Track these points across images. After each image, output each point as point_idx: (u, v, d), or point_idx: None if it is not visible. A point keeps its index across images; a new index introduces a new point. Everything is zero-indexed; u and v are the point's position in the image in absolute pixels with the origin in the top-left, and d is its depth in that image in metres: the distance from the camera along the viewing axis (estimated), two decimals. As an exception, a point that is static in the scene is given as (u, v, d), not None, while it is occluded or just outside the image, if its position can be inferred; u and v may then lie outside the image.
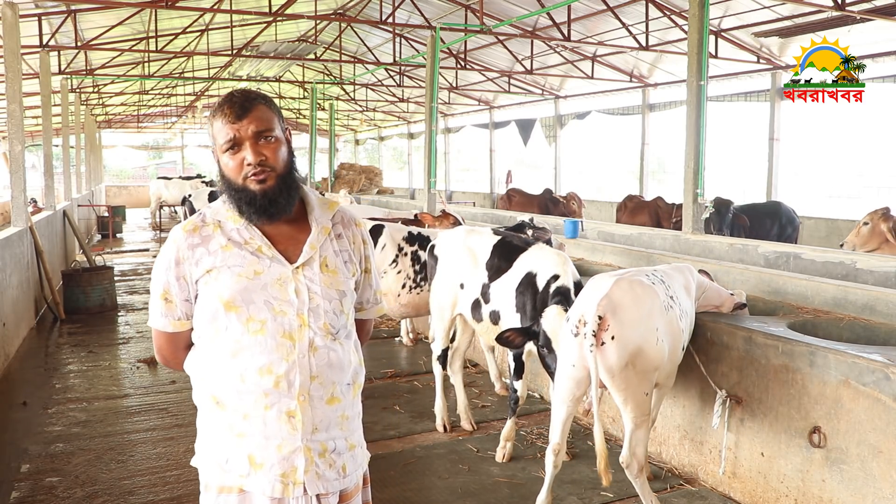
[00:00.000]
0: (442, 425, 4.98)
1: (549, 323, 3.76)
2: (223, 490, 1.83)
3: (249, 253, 1.84)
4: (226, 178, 1.86)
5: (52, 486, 4.11)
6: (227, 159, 1.84)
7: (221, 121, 1.83)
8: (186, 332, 1.92)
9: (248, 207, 1.83)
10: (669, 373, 3.78)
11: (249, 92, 1.89)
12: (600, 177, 28.23)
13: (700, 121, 7.17)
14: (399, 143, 32.11)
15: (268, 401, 1.79)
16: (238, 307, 1.80)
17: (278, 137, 1.86)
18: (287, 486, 1.80)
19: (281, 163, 1.85)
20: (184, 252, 1.85)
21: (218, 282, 1.82)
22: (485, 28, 11.58)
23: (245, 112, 1.81)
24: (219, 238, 1.86)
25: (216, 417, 1.85)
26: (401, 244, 5.63)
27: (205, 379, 1.87)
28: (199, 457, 1.91)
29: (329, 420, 1.86)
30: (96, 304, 8.91)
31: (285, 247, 1.88)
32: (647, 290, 3.51)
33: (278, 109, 1.91)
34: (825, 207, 16.69)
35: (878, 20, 9.81)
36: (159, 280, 1.88)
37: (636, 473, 3.55)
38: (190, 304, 1.88)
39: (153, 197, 20.38)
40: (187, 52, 15.01)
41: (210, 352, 1.86)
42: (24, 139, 8.53)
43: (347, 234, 1.99)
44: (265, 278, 1.82)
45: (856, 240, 7.23)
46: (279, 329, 1.81)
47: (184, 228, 1.88)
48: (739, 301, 4.31)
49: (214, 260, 1.83)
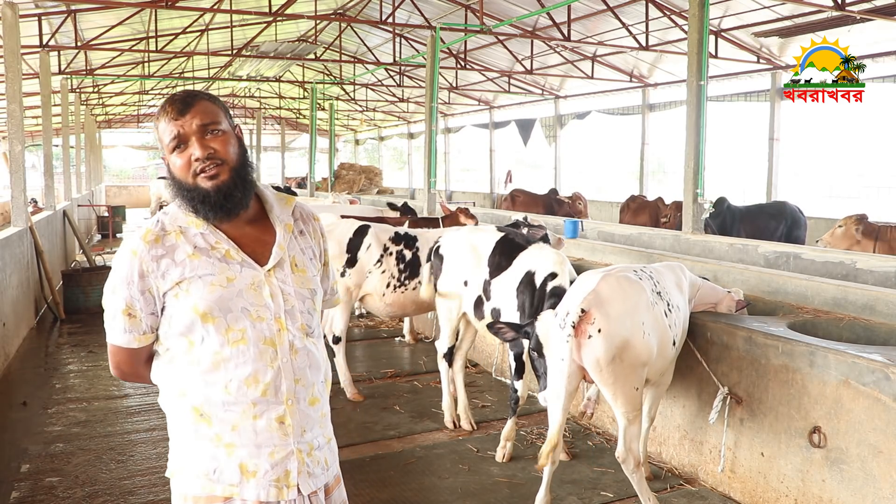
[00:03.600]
0: (451, 422, 5.02)
1: (543, 327, 3.77)
2: (210, 500, 1.77)
3: (218, 259, 1.77)
4: (176, 179, 1.79)
5: (52, 486, 4.11)
6: (175, 158, 1.77)
7: (164, 120, 1.77)
8: (149, 346, 1.84)
9: (203, 206, 1.76)
10: (663, 370, 3.80)
11: (191, 90, 1.85)
12: (600, 177, 28.20)
13: (700, 121, 7.17)
14: (399, 143, 32.12)
15: (256, 410, 1.76)
16: (216, 318, 1.74)
17: (225, 131, 1.80)
18: (281, 490, 1.78)
19: (232, 156, 1.79)
20: (148, 265, 1.75)
21: (190, 294, 1.74)
22: (485, 28, 11.59)
23: (187, 107, 1.76)
24: (184, 246, 1.77)
25: (199, 429, 1.77)
26: (386, 244, 5.65)
27: (183, 392, 1.79)
28: (175, 468, 1.83)
29: (313, 420, 1.85)
30: (96, 304, 8.82)
31: (252, 249, 1.82)
32: (633, 285, 3.58)
33: (224, 105, 1.86)
34: (825, 207, 16.66)
35: (878, 20, 9.82)
36: (119, 295, 1.77)
37: (633, 469, 3.58)
38: (156, 316, 1.79)
39: (153, 197, 20.41)
40: (187, 52, 15.02)
41: (185, 364, 1.78)
42: (24, 139, 8.54)
43: (308, 230, 1.97)
44: (238, 284, 1.77)
45: (830, 239, 7.73)
46: (259, 336, 1.76)
47: (144, 239, 1.77)
48: (741, 299, 4.31)
49: (183, 271, 1.75)
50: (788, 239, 9.39)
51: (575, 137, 20.97)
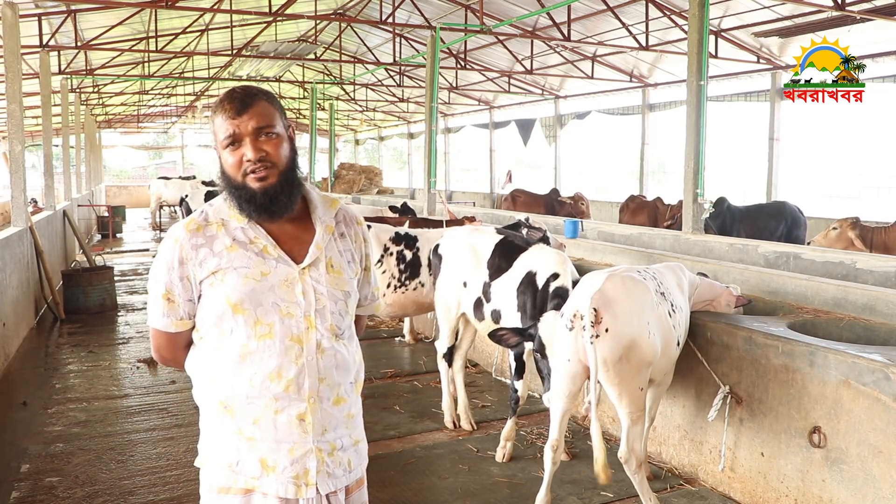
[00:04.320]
0: (451, 422, 5.02)
1: (546, 329, 3.77)
2: (230, 491, 1.81)
3: (255, 254, 1.81)
4: (226, 174, 1.83)
5: (52, 486, 4.11)
6: (228, 156, 1.81)
7: (221, 117, 1.80)
8: (187, 332, 1.89)
9: (248, 205, 1.81)
10: (665, 369, 3.81)
11: (251, 87, 1.86)
12: (600, 177, 28.20)
13: (700, 121, 7.17)
14: (399, 143, 32.11)
15: (278, 405, 1.79)
16: (246, 310, 1.78)
17: (279, 134, 1.82)
18: (300, 488, 1.80)
19: (283, 159, 1.82)
20: (187, 252, 1.81)
21: (224, 284, 1.79)
22: (485, 28, 11.59)
23: (245, 108, 1.79)
24: (223, 238, 1.82)
25: (224, 421, 1.82)
26: (387, 244, 5.66)
27: (211, 383, 1.84)
28: (203, 458, 1.89)
29: (336, 420, 1.86)
30: (96, 304, 8.91)
31: (290, 247, 1.85)
32: (638, 285, 3.58)
33: (280, 106, 1.88)
34: (825, 207, 16.64)
35: (878, 20, 9.82)
36: (160, 279, 1.84)
37: (635, 469, 3.58)
38: (193, 303, 1.85)
39: (153, 197, 20.38)
40: (187, 52, 15.02)
41: (215, 355, 1.83)
42: (24, 139, 8.54)
43: (350, 233, 1.98)
44: (272, 279, 1.80)
45: (823, 241, 7.61)
46: (286, 332, 1.79)
47: (186, 227, 1.84)
48: (740, 296, 4.32)
49: (220, 261, 1.80)
50: (788, 239, 9.39)
51: (575, 137, 20.96)
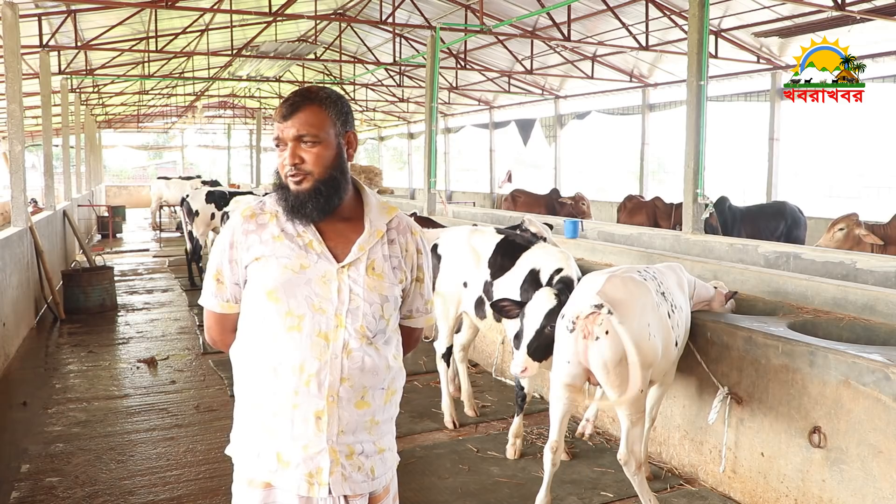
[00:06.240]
0: (451, 422, 5.01)
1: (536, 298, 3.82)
2: (252, 483, 1.85)
3: (299, 246, 1.85)
4: (277, 171, 1.91)
5: (52, 486, 4.11)
6: (277, 156, 1.90)
7: (276, 117, 1.89)
8: (234, 316, 1.94)
9: (285, 203, 1.87)
10: (666, 370, 3.80)
11: (310, 90, 1.90)
12: (600, 177, 28.23)
13: (700, 121, 7.17)
14: (399, 143, 32.11)
15: (296, 400, 1.80)
16: (279, 299, 1.82)
17: (321, 140, 1.85)
18: (312, 486, 1.80)
19: (320, 167, 1.85)
20: (238, 237, 1.89)
21: (264, 271, 1.84)
22: (485, 28, 11.59)
23: (291, 113, 1.84)
24: (273, 228, 1.88)
25: (250, 412, 1.87)
26: None
27: (243, 370, 1.90)
28: (233, 447, 1.93)
29: (357, 423, 1.85)
30: (96, 304, 8.91)
31: (335, 244, 1.88)
32: (639, 286, 3.56)
33: (337, 108, 1.90)
34: (825, 207, 16.66)
35: (878, 20, 9.81)
36: (214, 260, 1.93)
37: (634, 471, 3.57)
38: (239, 287, 1.92)
39: (154, 197, 20.38)
40: (187, 52, 15.01)
41: (249, 342, 1.88)
42: (24, 139, 8.53)
43: (401, 241, 1.97)
44: (310, 273, 1.83)
45: (831, 243, 7.45)
46: (315, 328, 1.81)
47: (242, 213, 1.92)
48: (728, 291, 4.34)
49: (264, 249, 1.86)
50: (788, 239, 9.39)
51: (575, 137, 20.97)
